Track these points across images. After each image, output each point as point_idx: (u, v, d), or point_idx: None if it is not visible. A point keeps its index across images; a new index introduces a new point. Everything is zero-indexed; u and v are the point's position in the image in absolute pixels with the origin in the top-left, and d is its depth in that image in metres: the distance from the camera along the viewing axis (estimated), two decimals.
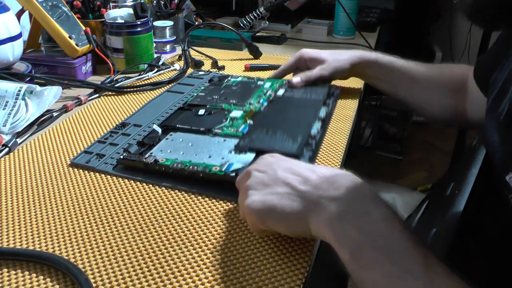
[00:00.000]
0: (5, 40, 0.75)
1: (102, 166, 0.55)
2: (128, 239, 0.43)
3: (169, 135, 0.61)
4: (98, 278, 0.38)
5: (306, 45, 1.16)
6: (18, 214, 0.46)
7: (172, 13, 1.08)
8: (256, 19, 1.19)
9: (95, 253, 0.41)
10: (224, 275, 0.39)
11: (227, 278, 0.39)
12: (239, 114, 0.67)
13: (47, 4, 0.83)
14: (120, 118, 0.69)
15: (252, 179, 0.43)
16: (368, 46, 1.13)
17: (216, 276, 0.39)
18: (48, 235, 0.43)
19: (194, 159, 0.54)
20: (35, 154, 0.58)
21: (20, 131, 0.63)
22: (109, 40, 0.90)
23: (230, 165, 0.52)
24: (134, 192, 0.50)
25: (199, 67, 0.94)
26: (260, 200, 0.40)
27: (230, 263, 0.40)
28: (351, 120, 0.71)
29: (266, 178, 0.42)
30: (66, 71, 0.85)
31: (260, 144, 0.57)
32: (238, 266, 0.40)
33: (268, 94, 0.75)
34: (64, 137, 0.63)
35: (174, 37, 1.07)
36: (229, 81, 0.82)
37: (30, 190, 0.50)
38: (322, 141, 0.62)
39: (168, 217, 0.46)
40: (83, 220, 0.46)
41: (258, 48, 1.02)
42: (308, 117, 0.65)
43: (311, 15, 1.36)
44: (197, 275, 0.39)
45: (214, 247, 0.42)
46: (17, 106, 0.64)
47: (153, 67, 0.90)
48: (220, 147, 0.57)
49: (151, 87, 0.82)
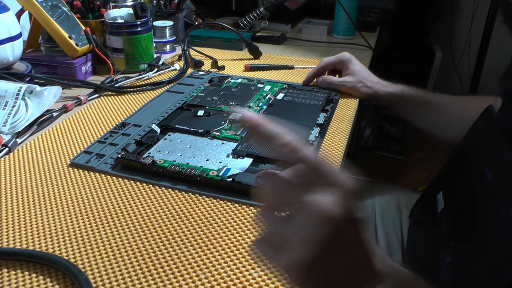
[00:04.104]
0: (5, 40, 0.75)
1: (102, 166, 0.55)
2: (128, 239, 0.43)
3: (168, 135, 0.61)
4: (98, 278, 0.38)
5: (306, 45, 1.16)
6: (18, 214, 0.46)
7: (172, 13, 1.08)
8: (256, 19, 1.19)
9: (95, 253, 0.41)
10: (224, 275, 0.39)
11: (227, 278, 0.39)
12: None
13: (47, 4, 0.83)
14: (120, 118, 0.69)
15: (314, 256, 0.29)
16: (368, 46, 1.13)
17: (216, 276, 0.39)
18: (48, 235, 0.43)
19: (192, 161, 0.54)
20: (35, 154, 0.58)
21: (20, 131, 0.63)
22: (109, 40, 0.90)
23: (228, 170, 0.52)
24: (134, 192, 0.50)
25: (199, 67, 0.94)
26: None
27: (230, 263, 0.40)
28: (351, 120, 0.71)
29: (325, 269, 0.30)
30: (66, 71, 0.85)
31: (257, 149, 0.57)
32: (238, 266, 0.40)
33: (268, 97, 0.75)
34: (64, 137, 0.63)
35: (174, 37, 1.07)
36: (229, 82, 0.82)
37: (30, 190, 0.50)
38: (321, 146, 0.62)
39: (168, 217, 0.46)
40: (83, 220, 0.46)
41: (258, 48, 1.02)
42: (307, 123, 0.65)
43: (311, 15, 1.36)
44: (197, 275, 0.39)
45: (214, 247, 0.42)
46: (17, 106, 0.64)
47: (153, 67, 0.90)
48: (218, 150, 0.58)
49: (151, 87, 0.82)
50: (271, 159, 0.55)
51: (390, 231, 0.75)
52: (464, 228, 0.47)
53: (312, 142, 0.60)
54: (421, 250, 0.59)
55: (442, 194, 0.56)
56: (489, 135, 0.51)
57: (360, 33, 1.16)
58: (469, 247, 0.44)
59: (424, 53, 2.05)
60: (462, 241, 0.46)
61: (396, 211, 0.77)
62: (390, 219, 0.76)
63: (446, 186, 0.57)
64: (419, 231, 0.64)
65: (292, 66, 0.95)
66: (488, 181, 0.45)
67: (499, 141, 0.47)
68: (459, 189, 0.53)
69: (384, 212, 0.77)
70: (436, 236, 0.52)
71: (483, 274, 0.38)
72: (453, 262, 0.45)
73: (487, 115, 0.52)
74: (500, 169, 0.44)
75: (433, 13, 2.06)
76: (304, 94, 0.77)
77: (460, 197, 0.52)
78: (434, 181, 0.62)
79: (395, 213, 0.77)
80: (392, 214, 0.77)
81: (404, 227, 0.74)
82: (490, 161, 0.47)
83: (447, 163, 0.59)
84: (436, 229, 0.52)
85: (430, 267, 0.51)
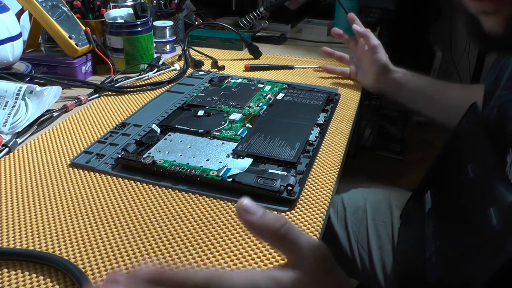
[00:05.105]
0: (5, 40, 0.75)
1: (102, 166, 0.55)
2: (128, 239, 0.43)
3: (168, 136, 0.62)
4: (98, 278, 0.38)
5: (306, 45, 1.16)
6: (18, 214, 0.46)
7: (172, 13, 1.08)
8: (256, 19, 1.19)
9: (95, 253, 0.41)
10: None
11: None
12: (238, 117, 0.67)
13: (47, 4, 0.83)
14: (120, 118, 0.69)
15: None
16: None
17: None
18: (48, 235, 0.43)
19: (192, 162, 0.54)
20: (35, 154, 0.58)
21: (20, 131, 0.63)
22: (109, 40, 0.90)
23: (228, 170, 0.52)
24: (134, 192, 0.50)
25: (199, 67, 0.94)
26: None
27: (231, 263, 0.40)
28: (351, 120, 0.71)
29: None
30: (66, 71, 0.85)
31: (258, 149, 0.57)
32: (239, 266, 0.40)
33: (268, 97, 0.75)
34: (64, 137, 0.63)
35: (174, 37, 1.07)
36: (229, 82, 0.82)
37: (30, 190, 0.50)
38: (320, 146, 0.62)
39: (168, 217, 0.46)
40: (83, 220, 0.46)
41: (258, 48, 1.02)
42: (307, 123, 0.65)
43: (311, 15, 1.36)
44: None
45: (214, 247, 0.42)
46: (17, 106, 0.64)
47: (153, 67, 0.90)
48: (218, 150, 0.58)
49: (151, 87, 0.82)
50: (271, 159, 0.55)
51: (381, 232, 0.75)
52: (448, 227, 0.47)
53: (312, 142, 0.60)
54: (410, 250, 0.59)
55: (430, 193, 0.56)
56: (472, 133, 0.51)
57: None
58: (452, 246, 0.44)
59: (424, 53, 2.05)
60: (446, 240, 0.46)
61: (387, 212, 0.77)
62: (381, 220, 0.76)
63: (434, 185, 0.57)
64: (408, 231, 0.64)
65: (292, 66, 0.95)
66: (470, 179, 0.45)
67: (481, 138, 0.47)
68: (444, 188, 0.53)
69: (376, 213, 0.77)
70: (423, 236, 0.52)
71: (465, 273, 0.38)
72: (438, 262, 0.45)
73: (471, 112, 0.52)
74: (481, 167, 0.44)
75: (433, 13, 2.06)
76: (304, 94, 0.77)
77: (445, 196, 0.52)
78: (423, 180, 0.62)
79: (386, 213, 0.77)
80: (383, 215, 0.76)
81: (395, 228, 0.74)
82: (473, 159, 0.47)
83: (434, 161, 0.59)
84: (424, 229, 0.52)
85: (417, 267, 0.51)
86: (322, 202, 0.49)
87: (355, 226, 0.77)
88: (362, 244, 0.75)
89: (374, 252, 0.73)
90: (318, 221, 0.46)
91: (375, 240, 0.74)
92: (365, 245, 0.74)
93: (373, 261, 0.72)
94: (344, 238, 0.77)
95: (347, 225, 0.78)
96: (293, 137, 0.60)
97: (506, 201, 0.36)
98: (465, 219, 0.43)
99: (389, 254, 0.72)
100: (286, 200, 0.48)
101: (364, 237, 0.75)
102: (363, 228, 0.76)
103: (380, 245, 0.73)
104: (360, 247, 0.75)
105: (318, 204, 0.49)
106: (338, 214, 0.80)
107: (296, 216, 0.47)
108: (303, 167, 0.54)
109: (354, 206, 0.79)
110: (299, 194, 0.49)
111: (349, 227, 0.77)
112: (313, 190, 0.51)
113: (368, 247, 0.74)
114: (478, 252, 0.37)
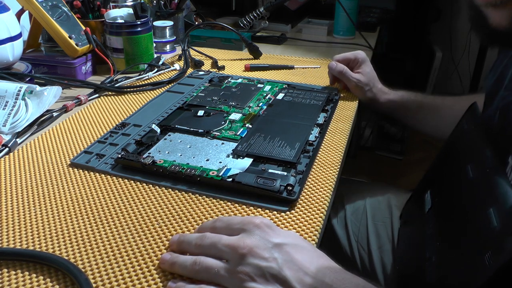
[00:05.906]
0: (5, 40, 0.75)
1: (102, 166, 0.55)
2: (128, 239, 0.43)
3: (168, 136, 0.62)
4: (98, 278, 0.38)
5: (306, 45, 1.16)
6: (18, 214, 0.46)
7: (172, 13, 1.08)
8: (256, 19, 1.19)
9: (95, 253, 0.41)
10: None
11: None
12: (238, 117, 0.67)
13: (47, 4, 0.83)
14: (120, 118, 0.69)
15: (252, 268, 0.36)
16: (368, 46, 1.13)
17: None
18: (48, 235, 0.43)
19: (192, 161, 0.54)
20: (35, 154, 0.58)
21: (20, 131, 0.63)
22: (109, 40, 0.90)
23: (228, 170, 0.52)
24: (134, 192, 0.50)
25: (199, 67, 0.94)
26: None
27: None
28: (351, 120, 0.71)
29: (268, 269, 0.36)
30: (66, 71, 0.85)
31: (257, 149, 0.57)
32: None
33: (268, 97, 0.75)
34: (64, 137, 0.63)
35: (174, 37, 1.07)
36: (229, 82, 0.83)
37: (30, 190, 0.50)
38: (320, 146, 0.62)
39: (168, 217, 0.46)
40: (83, 220, 0.46)
41: (258, 48, 1.02)
42: (307, 123, 0.65)
43: (311, 15, 1.36)
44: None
45: None
46: (17, 106, 0.64)
47: (153, 67, 0.90)
48: (218, 150, 0.58)
49: (151, 87, 0.82)
50: (271, 159, 0.55)
51: (381, 232, 0.75)
52: (448, 228, 0.47)
53: (312, 142, 0.60)
54: (409, 250, 0.59)
55: (429, 193, 0.56)
56: (471, 133, 0.51)
57: (360, 33, 1.16)
58: (452, 246, 0.44)
59: (424, 53, 2.04)
60: (445, 240, 0.46)
61: (387, 212, 0.77)
62: (381, 220, 0.76)
63: (433, 185, 0.57)
64: (408, 231, 0.64)
65: (292, 66, 0.95)
66: (470, 179, 0.45)
67: (480, 139, 0.47)
68: (444, 188, 0.53)
69: (375, 213, 0.77)
70: (423, 236, 0.52)
71: (465, 274, 0.38)
72: (437, 262, 0.45)
73: (471, 113, 0.52)
74: (480, 168, 0.44)
75: (433, 13, 2.06)
76: (304, 94, 0.77)
77: (445, 196, 0.52)
78: (423, 180, 0.62)
79: (386, 213, 0.77)
80: (383, 215, 0.76)
81: (395, 228, 0.74)
82: (472, 159, 0.47)
83: (434, 161, 0.59)
84: (424, 229, 0.52)
85: (417, 267, 0.51)
86: (322, 202, 0.49)
87: (355, 226, 0.77)
88: (362, 244, 0.75)
89: (374, 252, 0.73)
90: (318, 221, 0.46)
91: (375, 240, 0.74)
92: (365, 245, 0.74)
93: (373, 261, 0.72)
94: (344, 238, 0.77)
95: (347, 225, 0.78)
96: (293, 137, 0.60)
97: (507, 202, 0.36)
98: (465, 220, 0.43)
99: (389, 254, 0.72)
100: (286, 200, 0.48)
101: (364, 237, 0.75)
102: (363, 228, 0.76)
103: (380, 245, 0.73)
104: (360, 247, 0.75)
105: (318, 204, 0.49)
106: (338, 214, 0.80)
107: (296, 216, 0.47)
108: (303, 167, 0.54)
109: (354, 206, 0.79)
110: (299, 194, 0.49)
111: (349, 227, 0.77)
112: (313, 190, 0.51)
113: (368, 247, 0.74)
114: (478, 252, 0.37)
